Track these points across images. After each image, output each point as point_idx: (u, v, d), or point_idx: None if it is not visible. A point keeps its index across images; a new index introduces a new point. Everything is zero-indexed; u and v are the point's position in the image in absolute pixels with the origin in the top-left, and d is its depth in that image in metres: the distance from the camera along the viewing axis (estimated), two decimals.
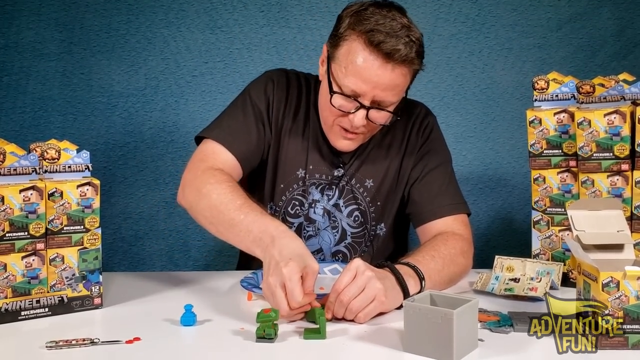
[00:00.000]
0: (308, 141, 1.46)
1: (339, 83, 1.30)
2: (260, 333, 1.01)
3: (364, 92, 1.28)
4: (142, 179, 2.15)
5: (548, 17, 2.14)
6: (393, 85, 1.28)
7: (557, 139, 1.35)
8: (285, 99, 1.46)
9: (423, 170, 1.45)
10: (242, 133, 1.40)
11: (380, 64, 1.25)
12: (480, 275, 1.34)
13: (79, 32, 2.11)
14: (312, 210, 1.47)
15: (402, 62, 1.25)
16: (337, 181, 1.46)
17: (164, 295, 1.29)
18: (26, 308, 1.14)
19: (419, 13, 2.15)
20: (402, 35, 1.24)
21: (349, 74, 1.27)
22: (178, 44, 2.13)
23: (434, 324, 0.94)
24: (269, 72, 1.50)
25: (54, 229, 1.16)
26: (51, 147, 1.19)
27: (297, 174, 1.46)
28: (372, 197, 1.47)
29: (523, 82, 2.14)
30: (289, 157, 1.46)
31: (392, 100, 1.31)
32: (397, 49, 1.23)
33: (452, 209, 1.42)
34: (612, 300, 0.95)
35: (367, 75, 1.26)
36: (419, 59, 1.30)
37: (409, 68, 1.28)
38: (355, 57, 1.26)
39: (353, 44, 1.27)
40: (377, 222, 1.49)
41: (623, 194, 1.28)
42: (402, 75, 1.28)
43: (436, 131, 1.51)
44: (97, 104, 2.13)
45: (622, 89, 1.30)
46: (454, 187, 1.47)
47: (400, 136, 1.48)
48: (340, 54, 1.30)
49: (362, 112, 1.30)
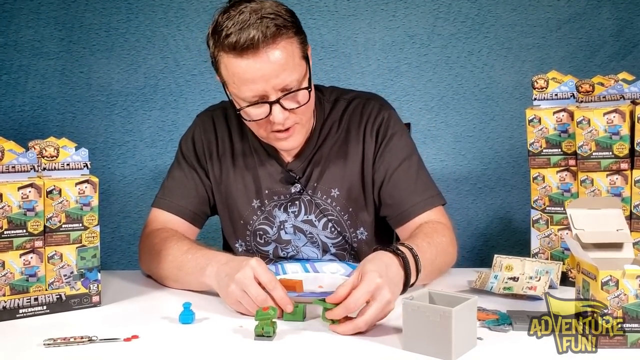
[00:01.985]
0: (255, 169, 1.43)
1: (240, 98, 1.27)
2: (258, 331, 1.01)
3: (263, 90, 1.23)
4: (141, 178, 2.15)
5: (547, 17, 2.14)
6: (280, 67, 1.22)
7: (557, 138, 1.35)
8: (215, 140, 1.45)
9: (387, 170, 1.39)
10: (180, 190, 1.44)
11: (253, 58, 1.20)
12: (479, 274, 1.34)
13: (78, 30, 2.11)
14: (283, 232, 1.44)
15: (267, 42, 1.19)
16: (298, 196, 1.43)
17: (162, 293, 1.29)
18: (24, 306, 1.14)
19: (418, 13, 2.15)
20: (252, 21, 1.19)
21: (240, 86, 1.24)
22: (177, 43, 2.13)
23: (433, 321, 0.93)
24: (196, 119, 1.51)
25: (52, 226, 1.16)
26: (50, 144, 1.18)
27: (252, 206, 1.44)
28: (342, 205, 1.42)
29: (522, 81, 2.14)
30: (240, 193, 1.44)
31: (292, 78, 1.24)
32: (252, 36, 1.18)
33: (426, 203, 1.37)
34: (611, 299, 0.95)
35: (251, 76, 1.22)
36: (286, 27, 1.23)
37: (281, 42, 1.22)
38: (233, 68, 1.23)
39: (223, 59, 1.24)
40: (356, 228, 1.44)
41: (622, 193, 1.28)
42: (281, 53, 1.22)
43: (393, 126, 1.42)
44: (96, 103, 2.13)
45: (621, 88, 1.30)
46: (423, 180, 1.40)
47: (356, 139, 1.41)
48: (223, 75, 1.27)
49: (277, 108, 1.25)
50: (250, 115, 1.28)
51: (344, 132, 1.42)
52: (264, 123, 1.29)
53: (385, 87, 2.15)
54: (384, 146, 1.40)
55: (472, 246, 2.19)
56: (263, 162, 1.43)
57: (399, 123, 1.45)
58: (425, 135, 2.18)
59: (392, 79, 2.17)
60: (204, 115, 1.50)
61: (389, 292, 1.03)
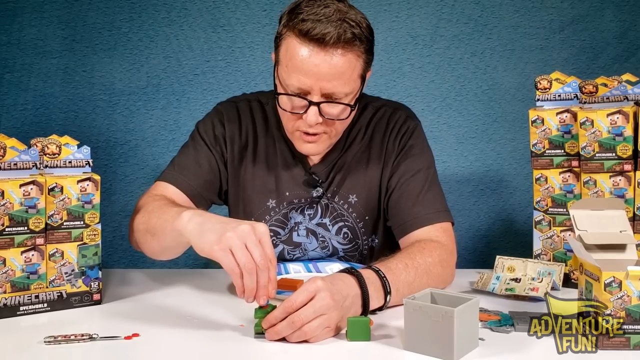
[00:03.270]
0: (277, 169, 1.40)
1: (285, 84, 1.25)
2: (259, 329, 1.01)
3: (310, 87, 1.22)
4: (142, 177, 2.15)
5: (550, 18, 2.14)
6: (337, 74, 1.21)
7: (560, 139, 1.35)
8: (239, 131, 1.41)
9: (400, 179, 1.37)
10: (191, 167, 1.37)
11: (317, 53, 1.19)
12: (480, 275, 1.34)
13: (81, 29, 2.10)
14: (296, 234, 1.41)
15: (337, 45, 1.19)
16: (317, 200, 1.41)
17: (163, 291, 1.29)
18: (25, 303, 1.14)
19: (421, 14, 2.15)
20: (333, 19, 1.18)
21: (291, 72, 1.22)
22: (180, 43, 2.13)
23: (435, 322, 0.93)
24: (218, 106, 1.45)
25: (53, 224, 1.15)
26: (52, 142, 1.19)
27: (267, 205, 1.41)
28: (358, 212, 1.41)
29: (525, 83, 2.13)
30: (256, 190, 1.40)
31: (342, 90, 1.23)
32: (327, 32, 1.17)
33: (432, 217, 1.32)
34: (614, 300, 0.95)
35: (306, 67, 1.20)
36: (361, 41, 1.22)
37: (350, 52, 1.21)
38: (293, 52, 1.21)
39: (289, 39, 1.22)
40: (369, 236, 1.43)
41: (625, 194, 1.27)
42: (345, 62, 1.21)
43: (416, 137, 1.41)
44: (99, 102, 2.13)
45: (625, 89, 1.30)
46: (434, 193, 1.36)
47: (379, 147, 1.40)
48: (281, 54, 1.25)
49: (313, 109, 1.23)
50: (286, 104, 1.27)
51: (369, 139, 1.41)
52: (294, 118, 1.28)
53: (387, 88, 2.14)
54: (403, 155, 1.39)
55: (474, 247, 2.19)
56: (288, 163, 1.40)
57: (422, 136, 1.44)
58: (428, 136, 2.12)
59: (394, 79, 2.16)
60: (227, 104, 1.46)
61: (330, 297, 0.99)
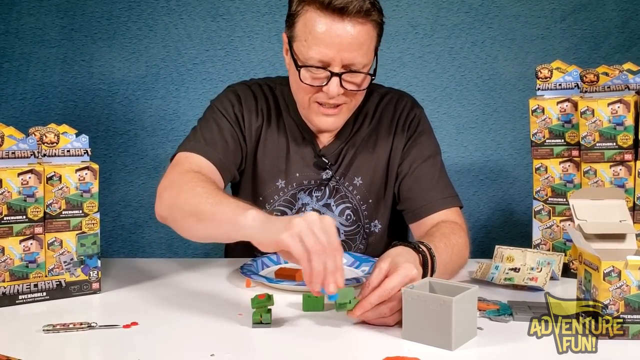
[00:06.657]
0: (287, 150, 1.42)
1: (304, 58, 1.25)
2: (257, 319, 1.01)
3: (331, 58, 1.23)
4: (142, 167, 2.15)
5: (552, 7, 2.12)
6: (357, 44, 1.24)
7: (560, 128, 1.34)
8: (255, 110, 1.41)
9: (412, 165, 1.41)
10: (218, 142, 1.35)
11: (338, 23, 1.21)
12: (479, 264, 1.34)
13: (80, 18, 2.09)
14: (302, 215, 1.43)
15: (358, 15, 1.21)
16: (326, 182, 1.43)
17: (162, 281, 1.29)
18: (24, 292, 1.14)
19: (421, 3, 2.13)
20: None
21: (312, 45, 1.23)
22: (179, 32, 2.12)
23: (433, 311, 0.93)
24: (232, 87, 1.45)
25: (52, 212, 1.15)
26: (50, 131, 1.18)
27: (276, 185, 1.42)
28: (362, 195, 1.43)
29: (526, 73, 2.12)
30: (266, 170, 1.42)
31: (361, 61, 1.26)
32: (348, 1, 1.20)
33: (446, 202, 1.38)
34: (613, 290, 0.95)
35: (328, 39, 1.22)
36: (376, 10, 1.26)
37: (369, 22, 1.25)
38: (313, 25, 1.22)
39: (307, 14, 1.24)
40: (371, 220, 1.45)
41: (626, 184, 1.27)
42: (365, 32, 1.24)
43: (423, 124, 1.46)
44: (98, 91, 2.12)
45: (626, 78, 1.29)
46: (444, 180, 1.42)
47: (386, 132, 1.43)
48: (297, 30, 1.26)
49: (335, 80, 1.25)
50: (306, 77, 1.28)
51: (376, 124, 1.43)
52: (313, 91, 1.29)
53: (387, 77, 2.13)
54: (413, 141, 1.43)
55: (474, 237, 2.16)
56: (298, 144, 1.42)
57: (428, 123, 1.49)
58: None
59: (394, 69, 2.15)
60: (240, 86, 1.45)
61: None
